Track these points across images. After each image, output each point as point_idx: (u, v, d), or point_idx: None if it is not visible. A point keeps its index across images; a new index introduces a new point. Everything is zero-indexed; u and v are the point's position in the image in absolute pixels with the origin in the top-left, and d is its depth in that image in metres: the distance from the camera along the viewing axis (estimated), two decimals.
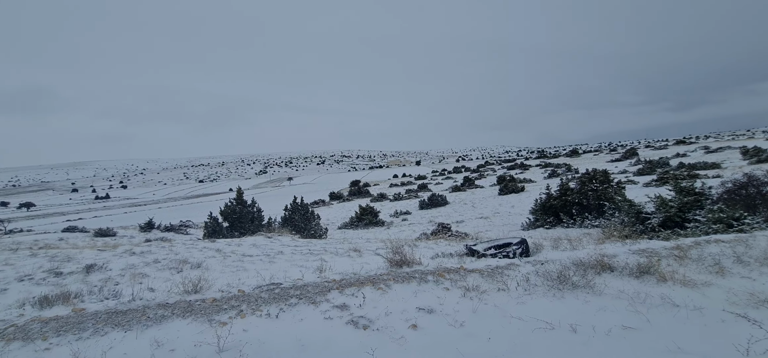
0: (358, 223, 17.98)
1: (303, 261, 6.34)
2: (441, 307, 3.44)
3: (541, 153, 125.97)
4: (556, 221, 12.02)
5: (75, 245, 11.67)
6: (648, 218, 7.70)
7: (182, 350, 2.83)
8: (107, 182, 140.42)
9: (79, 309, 3.54)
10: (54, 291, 4.43)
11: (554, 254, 4.97)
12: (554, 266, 4.16)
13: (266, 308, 3.46)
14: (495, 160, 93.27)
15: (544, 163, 50.29)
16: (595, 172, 12.73)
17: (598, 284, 3.73)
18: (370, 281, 4.00)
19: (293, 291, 3.84)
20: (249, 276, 5.09)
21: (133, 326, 3.20)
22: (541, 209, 12.73)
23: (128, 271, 5.92)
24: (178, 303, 3.62)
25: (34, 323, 3.29)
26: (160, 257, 6.93)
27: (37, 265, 6.73)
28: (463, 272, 4.17)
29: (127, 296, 4.03)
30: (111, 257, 7.17)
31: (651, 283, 3.76)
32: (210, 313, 3.40)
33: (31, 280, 5.74)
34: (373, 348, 2.77)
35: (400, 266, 4.53)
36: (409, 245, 5.25)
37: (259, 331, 3.11)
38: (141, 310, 3.50)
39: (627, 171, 29.00)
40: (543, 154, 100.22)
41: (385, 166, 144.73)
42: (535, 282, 3.87)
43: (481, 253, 4.99)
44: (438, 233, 12.42)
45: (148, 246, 9.02)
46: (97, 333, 3.11)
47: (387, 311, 3.39)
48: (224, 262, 6.44)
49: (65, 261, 6.90)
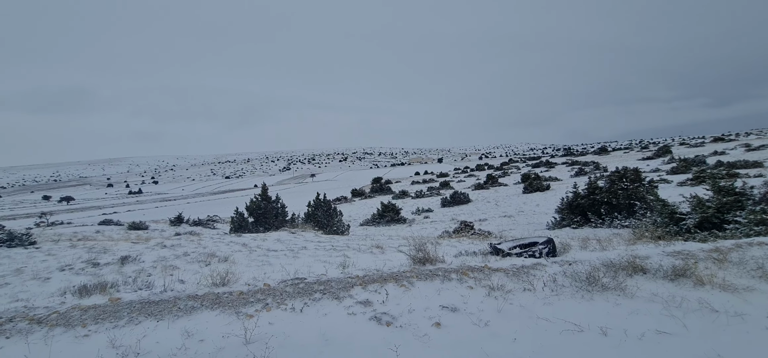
0: (380, 220, 18.03)
1: (326, 257, 6.40)
2: (465, 306, 3.40)
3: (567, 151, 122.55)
4: (584, 221, 11.66)
5: (110, 237, 12.24)
6: (683, 218, 7.36)
7: (211, 341, 2.91)
8: (140, 178, 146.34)
9: (115, 299, 3.71)
10: (92, 281, 4.66)
11: (582, 254, 4.82)
12: (583, 267, 4.04)
13: (291, 302, 3.52)
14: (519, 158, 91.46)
15: (570, 161, 48.92)
16: (626, 171, 12.27)
17: (629, 286, 3.59)
18: (393, 278, 3.99)
19: (317, 286, 3.89)
20: (274, 270, 5.19)
21: (165, 316, 3.32)
22: (567, 207, 12.39)
23: (160, 263, 6.15)
24: (206, 295, 3.74)
25: (75, 310, 3.47)
26: (190, 250, 7.17)
27: (76, 256, 7.10)
28: (487, 271, 4.11)
29: (159, 287, 4.19)
30: (144, 249, 7.48)
31: (687, 286, 3.59)
32: (237, 305, 3.49)
33: (71, 270, 6.06)
34: (396, 345, 2.76)
35: (423, 263, 4.51)
36: (431, 243, 5.21)
37: (284, 324, 3.16)
38: (172, 301, 3.63)
39: (660, 169, 27.82)
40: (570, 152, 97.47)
41: (407, 163, 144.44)
42: (563, 283, 3.76)
43: (506, 252, 4.90)
44: (460, 231, 12.30)
45: (177, 239, 9.35)
46: (131, 322, 3.25)
47: (410, 308, 3.38)
48: (250, 256, 6.59)
49: (102, 253, 7.24)
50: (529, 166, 52.70)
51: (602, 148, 73.41)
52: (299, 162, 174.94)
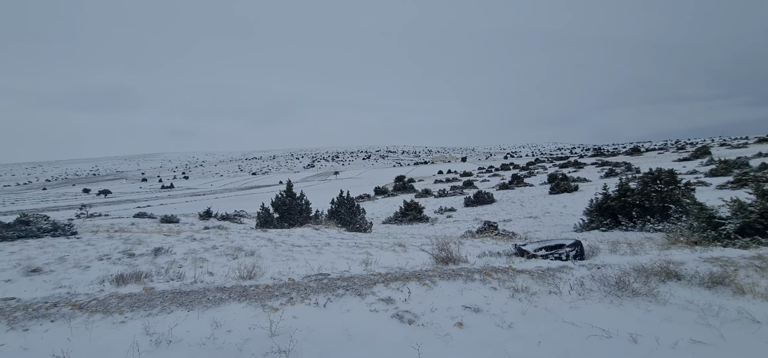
0: (402, 218, 18.02)
1: (349, 254, 6.47)
2: (488, 306, 3.36)
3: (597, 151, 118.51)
4: (614, 224, 11.26)
5: (144, 229, 12.80)
6: (722, 223, 6.98)
7: (238, 332, 3.01)
8: (172, 173, 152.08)
9: (149, 288, 3.89)
10: (127, 270, 4.89)
11: (612, 257, 4.67)
12: (612, 271, 3.91)
13: (315, 297, 3.59)
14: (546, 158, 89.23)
15: (600, 162, 47.28)
16: (660, 172, 11.75)
17: (662, 292, 3.45)
18: (416, 277, 4.00)
19: (340, 282, 3.95)
20: (298, 266, 5.29)
21: (195, 306, 3.45)
22: (596, 209, 11.99)
23: (190, 255, 6.38)
24: (234, 288, 3.86)
25: (112, 298, 3.66)
26: (218, 244, 7.41)
27: (113, 246, 7.47)
28: (511, 272, 4.05)
29: (190, 278, 4.36)
30: (175, 241, 7.78)
31: (726, 295, 3.41)
32: (263, 298, 3.59)
33: (109, 259, 6.39)
34: (418, 343, 2.77)
35: (445, 262, 4.49)
36: (454, 242, 5.17)
37: (308, 319, 3.23)
38: (201, 292, 3.77)
39: (697, 171, 26.46)
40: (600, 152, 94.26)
41: (430, 162, 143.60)
42: (591, 287, 3.66)
43: (531, 253, 4.81)
44: (484, 231, 12.13)
45: (206, 233, 9.68)
46: (164, 311, 3.40)
47: (432, 307, 3.37)
48: (275, 251, 6.74)
49: (136, 244, 7.59)
50: (556, 166, 51.30)
51: (635, 149, 70.46)
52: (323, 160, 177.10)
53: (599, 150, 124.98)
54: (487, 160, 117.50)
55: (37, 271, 5.64)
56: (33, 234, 9.23)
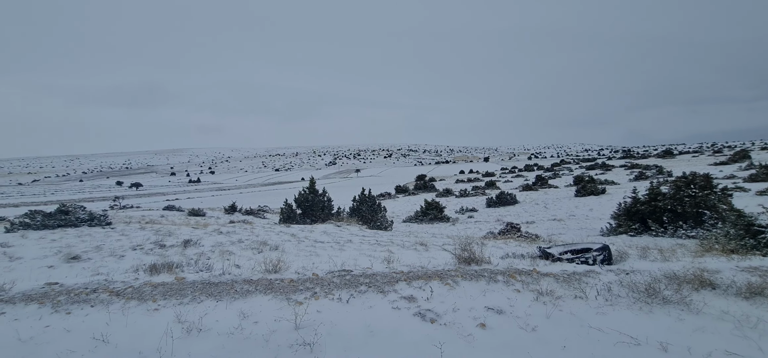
0: (423, 217, 17.98)
1: (371, 251, 6.52)
2: (511, 309, 3.33)
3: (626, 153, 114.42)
4: (643, 229, 10.87)
5: (173, 222, 13.27)
6: (762, 231, 6.63)
7: (264, 323, 3.10)
8: (199, 168, 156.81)
9: (180, 278, 4.05)
10: (159, 261, 5.11)
11: (641, 263, 4.53)
12: (642, 277, 3.80)
13: (338, 293, 3.65)
14: (572, 159, 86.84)
15: (629, 164, 45.64)
16: (694, 176, 11.25)
17: (695, 301, 3.33)
18: (438, 276, 4.00)
19: (363, 279, 3.99)
20: (321, 261, 5.38)
21: (223, 297, 3.57)
22: (625, 213, 11.60)
23: (217, 248, 6.59)
24: (260, 281, 3.97)
25: (146, 286, 3.84)
26: (243, 238, 7.61)
27: (145, 237, 7.79)
28: (535, 275, 3.99)
29: (218, 270, 4.51)
30: (203, 234, 8.05)
31: (765, 306, 3.26)
32: (288, 292, 3.67)
33: (142, 249, 6.67)
34: (441, 342, 2.78)
35: (468, 263, 4.47)
36: (477, 243, 5.14)
37: (331, 313, 3.29)
38: (229, 284, 3.90)
39: (735, 176, 25.18)
40: (629, 155, 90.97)
41: (452, 161, 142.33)
42: (619, 293, 3.56)
43: (556, 257, 4.72)
44: (506, 232, 11.95)
45: (232, 227, 9.95)
46: (194, 300, 3.54)
47: (454, 307, 3.37)
48: (298, 246, 6.87)
49: (167, 235, 7.88)
50: (582, 168, 49.90)
51: (667, 151, 67.60)
52: (345, 157, 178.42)
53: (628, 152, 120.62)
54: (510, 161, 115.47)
55: (77, 258, 5.95)
56: (72, 223, 9.74)
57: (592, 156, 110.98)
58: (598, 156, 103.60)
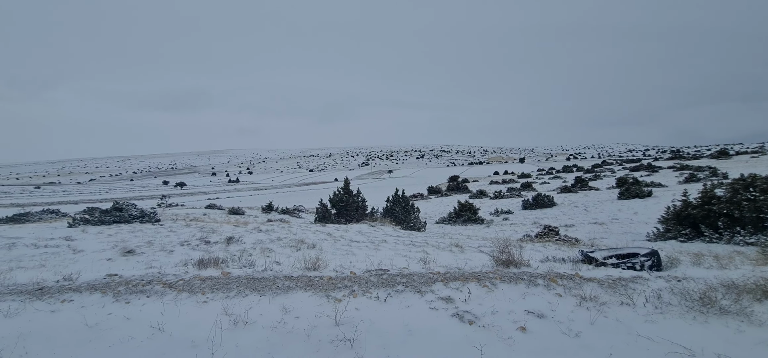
0: (456, 219, 17.76)
1: (406, 251, 6.55)
2: (553, 313, 3.25)
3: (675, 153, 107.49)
4: (695, 234, 10.18)
5: (215, 220, 13.91)
6: None
7: (306, 319, 3.20)
8: (237, 168, 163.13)
9: (226, 273, 4.26)
10: (206, 256, 5.39)
11: (695, 270, 4.27)
12: (695, 285, 3.58)
13: (375, 292, 3.70)
14: (614, 160, 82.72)
15: (679, 165, 42.86)
16: (755, 178, 10.41)
17: (757, 312, 3.11)
18: (475, 278, 3.96)
19: (399, 278, 4.03)
20: (358, 260, 5.47)
21: (266, 292, 3.72)
22: (674, 217, 10.92)
23: (258, 245, 6.85)
24: (300, 277, 4.10)
25: (196, 280, 4.07)
26: (282, 236, 7.86)
27: (191, 234, 8.23)
28: (578, 280, 3.87)
29: (260, 266, 4.70)
30: (244, 232, 8.39)
31: None
32: (327, 289, 3.77)
33: (188, 245, 7.06)
34: (481, 344, 2.76)
35: (506, 265, 4.39)
36: (515, 246, 5.03)
37: (369, 311, 3.35)
38: (271, 279, 4.06)
39: None
40: (678, 155, 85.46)
41: (486, 162, 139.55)
42: (669, 300, 3.39)
43: (600, 261, 4.54)
44: (543, 235, 11.58)
45: (270, 225, 10.30)
46: (239, 294, 3.71)
47: (493, 309, 3.33)
48: (335, 245, 7.01)
49: (211, 232, 8.28)
50: (625, 169, 47.43)
51: (722, 152, 62.75)
52: (377, 158, 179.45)
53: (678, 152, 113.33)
54: (547, 162, 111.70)
55: (132, 252, 6.39)
56: (125, 220, 10.45)
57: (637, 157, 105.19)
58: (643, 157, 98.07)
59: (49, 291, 3.82)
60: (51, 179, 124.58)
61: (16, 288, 3.94)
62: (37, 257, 6.14)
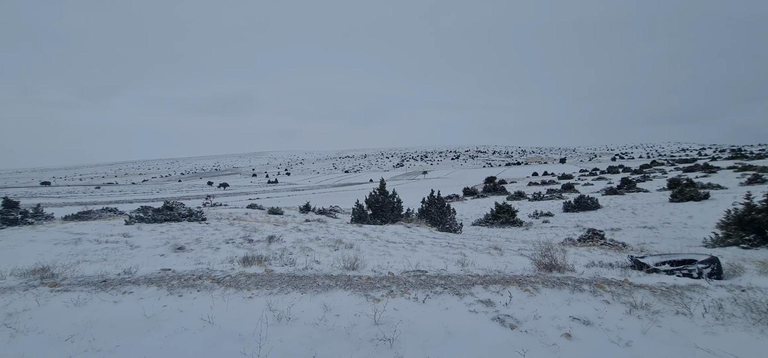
0: (493, 221, 17.37)
1: (443, 253, 6.49)
2: (600, 320, 3.11)
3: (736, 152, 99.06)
4: (760, 240, 9.35)
5: (256, 219, 14.45)
6: None
7: (346, 317, 3.27)
8: (276, 170, 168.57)
9: (269, 270, 4.43)
10: (249, 254, 5.61)
11: (762, 280, 3.94)
12: (763, 296, 3.30)
13: (414, 292, 3.71)
14: (665, 160, 77.58)
15: (740, 165, 39.47)
16: None
17: None
18: (516, 281, 3.87)
19: (437, 280, 4.01)
20: (395, 261, 5.49)
21: (307, 290, 3.83)
22: (735, 222, 10.09)
23: (297, 244, 7.05)
24: (340, 277, 4.18)
25: (241, 276, 4.26)
26: (320, 235, 8.04)
27: (235, 232, 8.60)
28: (627, 286, 3.67)
29: (301, 264, 4.84)
30: (283, 231, 8.66)
31: None
32: (365, 289, 3.83)
33: (233, 243, 7.38)
34: (524, 349, 2.70)
35: (549, 269, 4.25)
36: (557, 249, 4.86)
37: (407, 312, 3.36)
38: (312, 278, 4.17)
39: None
40: (739, 154, 78.72)
41: (524, 163, 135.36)
42: (732, 311, 3.14)
43: (652, 267, 4.29)
44: (587, 239, 11.07)
45: (308, 225, 10.56)
46: (282, 291, 3.84)
47: (535, 314, 3.24)
48: (371, 245, 7.08)
49: (253, 231, 8.62)
50: (678, 169, 44.34)
51: None
52: (412, 159, 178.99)
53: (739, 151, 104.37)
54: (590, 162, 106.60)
55: (182, 249, 6.78)
56: (175, 218, 11.10)
57: (691, 156, 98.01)
58: (698, 156, 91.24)
59: (112, 283, 4.14)
60: (109, 179, 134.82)
61: (83, 279, 4.31)
62: (100, 252, 6.66)
